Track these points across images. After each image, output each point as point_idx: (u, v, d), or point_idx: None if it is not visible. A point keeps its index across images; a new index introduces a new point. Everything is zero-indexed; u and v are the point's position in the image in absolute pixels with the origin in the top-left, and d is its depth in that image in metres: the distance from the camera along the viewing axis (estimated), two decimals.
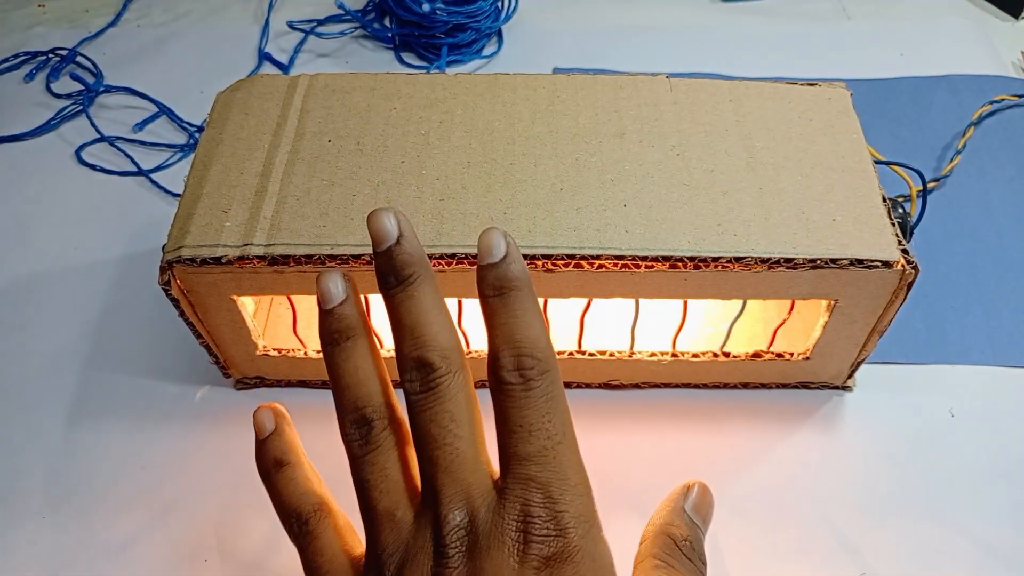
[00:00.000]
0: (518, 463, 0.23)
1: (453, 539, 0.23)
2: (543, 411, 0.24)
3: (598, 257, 0.34)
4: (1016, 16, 0.65)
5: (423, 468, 0.25)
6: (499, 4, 0.63)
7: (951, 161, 0.52)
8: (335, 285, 0.27)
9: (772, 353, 0.40)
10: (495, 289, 0.25)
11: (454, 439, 0.24)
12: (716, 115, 0.39)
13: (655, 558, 0.26)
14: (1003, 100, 0.57)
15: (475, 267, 0.34)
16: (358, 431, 0.26)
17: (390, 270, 0.26)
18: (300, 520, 0.27)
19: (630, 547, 0.37)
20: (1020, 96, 0.57)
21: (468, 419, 0.25)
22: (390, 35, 0.63)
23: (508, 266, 0.25)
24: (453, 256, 0.34)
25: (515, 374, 0.24)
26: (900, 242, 0.34)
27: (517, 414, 0.24)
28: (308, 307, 0.40)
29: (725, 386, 0.42)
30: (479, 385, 0.27)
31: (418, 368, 0.25)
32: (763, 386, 0.42)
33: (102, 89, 0.60)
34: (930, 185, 0.50)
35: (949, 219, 0.50)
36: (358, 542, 0.27)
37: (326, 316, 0.27)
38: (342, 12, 0.65)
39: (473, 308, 0.38)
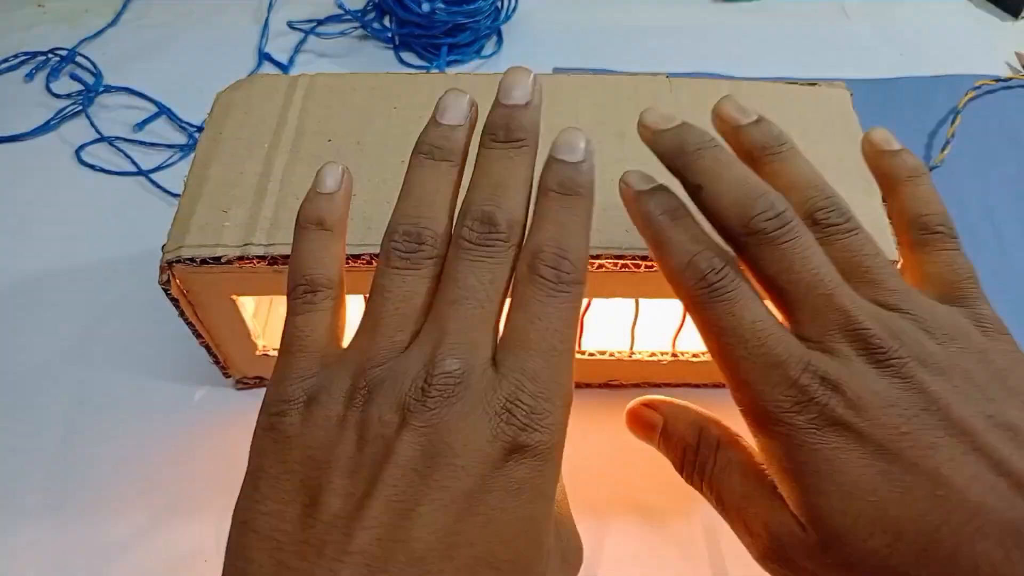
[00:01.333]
0: (525, 350, 0.23)
1: (441, 382, 0.22)
2: (563, 315, 0.23)
3: (598, 257, 0.34)
4: (1016, 16, 0.65)
5: (438, 307, 0.24)
6: (499, 4, 0.63)
7: (942, 150, 0.53)
8: (459, 102, 0.26)
9: None
10: (564, 188, 0.25)
11: (484, 298, 0.23)
12: None
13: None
14: (983, 86, 0.57)
15: None
16: (404, 243, 0.25)
17: (503, 125, 0.25)
18: (310, 287, 0.26)
19: (630, 547, 0.37)
20: (998, 80, 0.57)
21: (502, 291, 0.24)
22: (390, 35, 0.63)
23: (585, 171, 0.25)
24: None
25: (551, 271, 0.24)
26: None
27: (540, 308, 0.23)
28: None
29: (725, 386, 0.42)
30: None
31: (483, 221, 0.24)
32: None
33: (102, 89, 0.60)
34: None
35: None
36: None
37: (434, 127, 0.26)
38: (342, 12, 0.65)
39: None
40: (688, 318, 0.38)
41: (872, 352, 0.23)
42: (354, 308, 0.43)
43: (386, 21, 0.65)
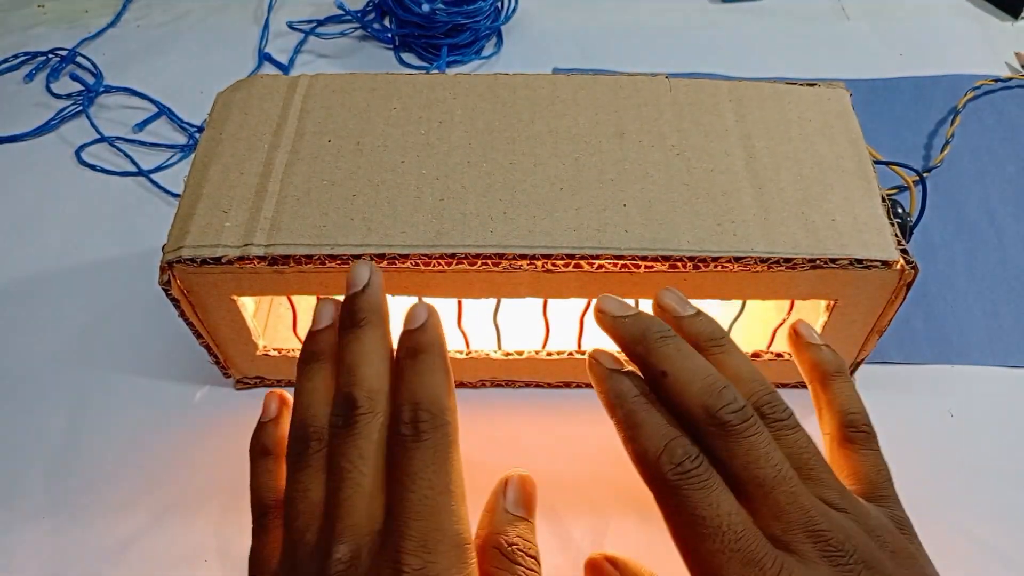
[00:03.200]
0: (401, 512, 0.25)
1: (334, 571, 0.24)
2: (431, 462, 0.25)
3: (598, 257, 0.34)
4: (1015, 16, 0.65)
5: (326, 497, 0.26)
6: (499, 4, 0.63)
7: (942, 150, 0.53)
8: (325, 309, 0.31)
9: (772, 353, 0.40)
10: (410, 351, 0.28)
11: (359, 476, 0.25)
12: (716, 115, 0.39)
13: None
14: (982, 86, 0.57)
15: (474, 267, 0.34)
16: (293, 448, 0.27)
17: (347, 313, 0.29)
18: (260, 511, 0.28)
19: (630, 547, 0.37)
20: (998, 80, 0.57)
21: (373, 459, 0.26)
22: (390, 35, 0.63)
23: (428, 329, 0.28)
24: (453, 256, 0.34)
25: (409, 427, 0.26)
26: (899, 242, 0.34)
27: (407, 464, 0.25)
28: (308, 307, 0.40)
29: None
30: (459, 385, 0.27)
31: (344, 405, 0.27)
32: None
33: (102, 89, 0.60)
34: (924, 175, 0.50)
35: (949, 219, 0.50)
36: None
37: (308, 336, 0.30)
38: (342, 12, 0.65)
39: (473, 308, 0.38)
40: None
41: (831, 555, 0.24)
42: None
43: (386, 22, 0.65)
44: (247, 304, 0.38)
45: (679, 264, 0.34)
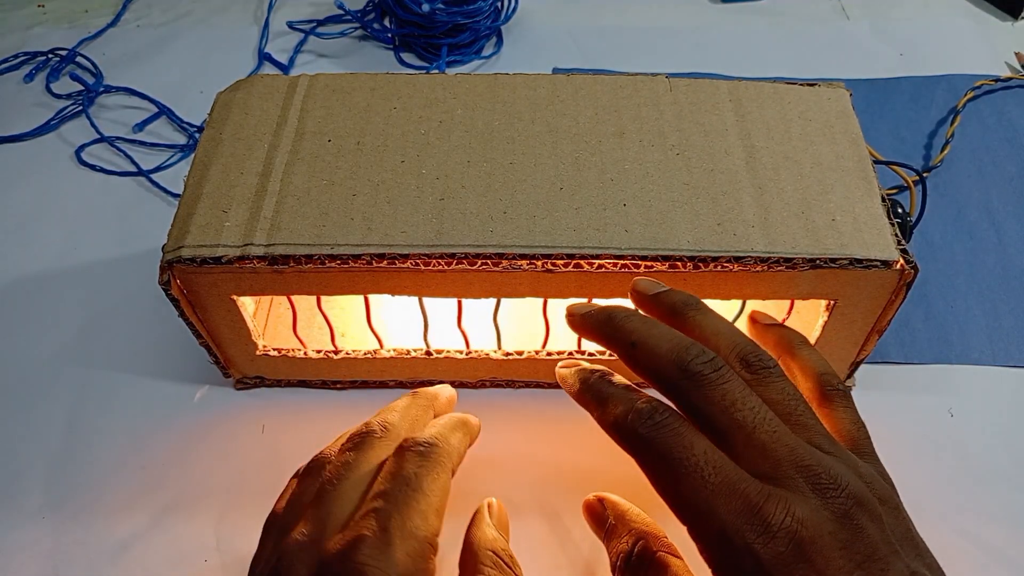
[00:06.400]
0: (371, 496, 0.27)
1: (293, 539, 0.27)
2: (416, 466, 0.28)
3: (598, 257, 0.34)
4: (1015, 16, 0.65)
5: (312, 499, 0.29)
6: (499, 4, 0.63)
7: (942, 150, 0.53)
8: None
9: None
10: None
11: (342, 479, 0.28)
12: (716, 115, 0.39)
13: (480, 573, 0.28)
14: (982, 86, 0.58)
15: (474, 267, 0.34)
16: (305, 471, 0.31)
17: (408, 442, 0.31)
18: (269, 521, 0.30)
19: None
20: (998, 80, 0.58)
21: (366, 471, 0.29)
22: (390, 35, 0.63)
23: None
24: (453, 256, 0.34)
25: (409, 442, 0.29)
26: (899, 242, 0.34)
27: (396, 466, 0.28)
28: (308, 307, 0.40)
29: None
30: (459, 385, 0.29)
31: (353, 434, 0.31)
32: None
33: (102, 89, 0.60)
34: (924, 175, 0.50)
35: (949, 219, 0.50)
36: None
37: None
38: (342, 12, 0.65)
39: (473, 308, 0.38)
40: None
41: (822, 487, 0.24)
42: (356, 307, 0.43)
43: (386, 22, 0.65)
44: (247, 304, 0.38)
45: (679, 264, 0.34)
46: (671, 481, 0.25)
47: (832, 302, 0.36)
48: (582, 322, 0.31)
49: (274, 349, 0.40)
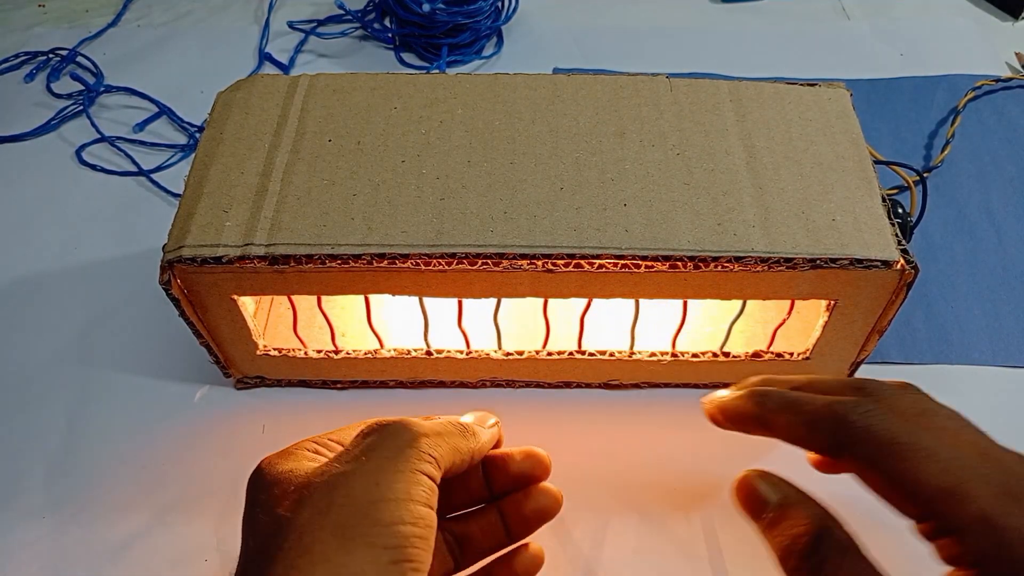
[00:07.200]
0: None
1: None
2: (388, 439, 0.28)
3: (598, 257, 0.34)
4: (1015, 16, 0.65)
5: None
6: (499, 4, 0.63)
7: (942, 151, 0.53)
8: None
9: (772, 353, 0.40)
10: None
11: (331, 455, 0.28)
12: (716, 115, 0.39)
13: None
14: (983, 86, 0.58)
15: (475, 267, 0.34)
16: None
17: None
18: None
19: (630, 546, 0.37)
20: (998, 80, 0.58)
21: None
22: (390, 35, 0.63)
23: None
24: (453, 256, 0.34)
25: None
26: (899, 242, 0.34)
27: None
28: (308, 307, 0.40)
29: (725, 386, 0.42)
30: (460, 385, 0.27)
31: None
32: None
33: (102, 89, 0.60)
34: (924, 175, 0.50)
35: (949, 219, 0.50)
36: None
37: None
38: (342, 12, 0.65)
39: (472, 308, 0.38)
40: (688, 318, 0.38)
41: None
42: (356, 307, 0.43)
43: (386, 22, 0.65)
44: (247, 304, 0.38)
45: (679, 264, 0.34)
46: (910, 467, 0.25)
47: (832, 302, 0.36)
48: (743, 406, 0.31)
49: (274, 349, 0.40)
